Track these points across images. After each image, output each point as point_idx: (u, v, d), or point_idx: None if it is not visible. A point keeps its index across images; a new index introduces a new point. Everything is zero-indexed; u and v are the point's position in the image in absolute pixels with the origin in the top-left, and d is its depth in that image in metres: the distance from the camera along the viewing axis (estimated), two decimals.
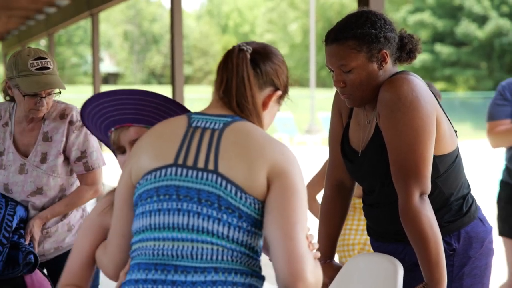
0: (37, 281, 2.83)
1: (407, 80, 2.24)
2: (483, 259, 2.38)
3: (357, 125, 2.45)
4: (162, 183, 1.73)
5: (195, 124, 1.79)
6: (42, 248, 3.03)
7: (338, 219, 2.63)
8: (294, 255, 1.64)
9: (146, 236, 1.73)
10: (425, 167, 2.22)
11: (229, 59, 1.82)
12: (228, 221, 1.68)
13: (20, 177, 2.97)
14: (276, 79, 1.87)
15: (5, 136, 3.00)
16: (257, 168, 1.71)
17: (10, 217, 2.84)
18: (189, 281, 1.66)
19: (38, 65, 2.85)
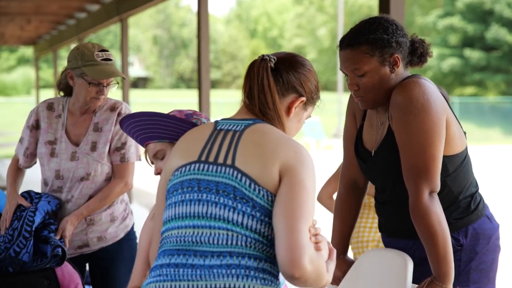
0: (67, 273, 2.98)
1: (418, 83, 2.34)
2: (489, 254, 2.47)
3: (370, 126, 2.56)
4: (186, 177, 1.92)
5: (220, 127, 1.97)
6: (85, 236, 3.22)
7: (352, 216, 2.74)
8: (294, 245, 1.75)
9: (171, 225, 1.91)
10: (434, 166, 2.32)
11: (252, 68, 2.00)
12: (242, 210, 1.83)
13: (72, 163, 3.18)
14: (300, 87, 2.02)
15: (57, 126, 3.22)
16: (270, 163, 1.85)
17: (31, 213, 3.01)
18: (206, 265, 1.80)
19: (103, 56, 3.09)
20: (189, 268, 1.82)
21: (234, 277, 1.78)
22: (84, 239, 3.22)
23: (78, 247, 3.23)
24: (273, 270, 1.85)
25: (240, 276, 1.78)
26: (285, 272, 1.77)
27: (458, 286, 2.43)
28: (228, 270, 1.79)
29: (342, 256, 2.74)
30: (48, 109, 3.25)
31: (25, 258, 2.90)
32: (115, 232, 3.27)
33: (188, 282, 1.80)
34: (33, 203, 3.09)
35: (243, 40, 47.75)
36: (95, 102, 3.16)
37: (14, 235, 2.96)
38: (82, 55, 3.08)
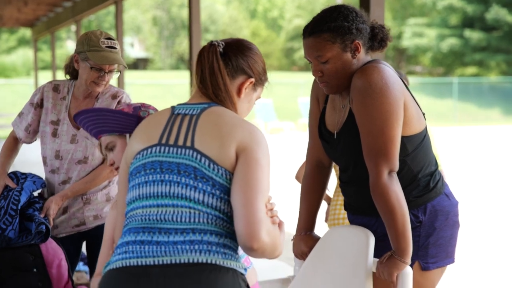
0: (51, 249, 3.11)
1: (377, 68, 2.46)
2: (448, 230, 2.60)
3: (332, 109, 2.68)
4: (149, 159, 2.04)
5: (177, 112, 2.10)
6: (82, 214, 3.37)
7: (318, 194, 2.87)
8: (252, 219, 1.88)
9: (136, 205, 2.02)
10: (393, 147, 2.44)
11: (202, 53, 2.13)
12: (203, 189, 1.95)
13: (71, 145, 3.32)
14: (248, 69, 2.16)
15: (61, 108, 3.36)
16: (227, 144, 1.98)
17: (17, 193, 3.16)
18: (171, 241, 1.92)
19: (108, 44, 3.23)
20: (154, 244, 1.92)
21: (197, 252, 1.89)
22: (80, 217, 3.37)
23: (75, 225, 3.38)
24: (233, 245, 1.96)
25: (202, 251, 1.90)
26: (244, 244, 1.89)
27: (418, 260, 2.57)
28: (191, 246, 1.90)
29: (309, 233, 2.87)
30: (54, 90, 3.39)
31: (11, 234, 3.04)
32: None
33: (154, 258, 1.90)
34: (19, 184, 3.23)
35: (243, 21, 47.66)
36: (95, 87, 3.28)
37: (0, 213, 3.10)
38: (89, 40, 3.22)
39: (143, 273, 1.89)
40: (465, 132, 23.75)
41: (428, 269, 2.57)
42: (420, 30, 36.38)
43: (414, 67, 41.52)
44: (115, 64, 3.25)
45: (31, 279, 3.03)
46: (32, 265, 3.05)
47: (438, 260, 2.59)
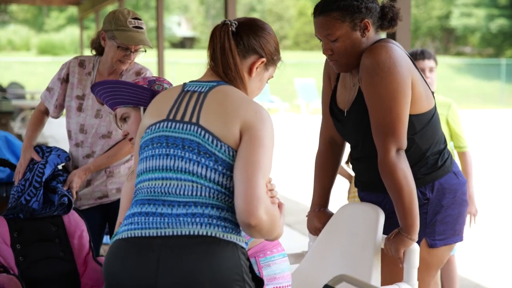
0: (74, 220, 3.22)
1: (385, 47, 2.48)
2: (456, 208, 2.62)
3: (343, 87, 2.71)
4: (156, 134, 2.11)
5: (187, 89, 2.15)
6: (105, 187, 3.46)
7: (331, 171, 2.90)
8: (251, 196, 1.91)
9: (143, 178, 2.10)
10: (401, 125, 2.46)
11: (214, 32, 2.17)
12: (205, 164, 2.01)
13: (96, 120, 3.41)
14: (260, 49, 2.19)
15: (86, 83, 3.44)
16: (231, 121, 2.02)
17: (42, 166, 3.25)
18: (174, 213, 1.99)
19: (135, 24, 3.28)
20: (158, 216, 2.00)
21: (198, 225, 1.96)
22: (104, 190, 3.46)
23: (98, 198, 3.48)
24: (233, 219, 2.01)
25: (203, 224, 1.96)
26: (242, 220, 1.92)
27: (425, 237, 2.59)
28: (193, 219, 1.96)
29: (322, 209, 2.92)
30: (80, 66, 3.46)
31: (35, 205, 3.15)
32: None
33: (157, 229, 1.98)
34: (44, 157, 3.33)
35: (290, 0, 47.45)
36: (120, 65, 3.36)
37: (25, 185, 3.21)
38: (116, 19, 3.28)
39: (146, 243, 1.97)
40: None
41: (435, 246, 2.59)
42: (469, 10, 35.73)
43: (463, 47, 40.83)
44: (141, 44, 3.31)
45: (54, 249, 3.13)
46: (55, 235, 3.15)
47: (445, 237, 2.61)
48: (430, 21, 39.44)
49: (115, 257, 2.02)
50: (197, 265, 1.92)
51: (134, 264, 1.97)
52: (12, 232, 3.08)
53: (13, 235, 3.07)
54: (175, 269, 1.92)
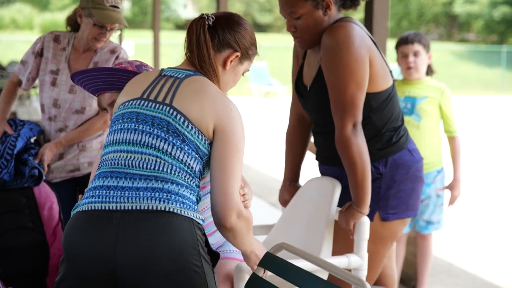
0: (44, 192, 3.29)
1: (344, 27, 2.54)
2: (409, 183, 2.69)
3: (308, 65, 2.78)
4: (127, 110, 2.18)
5: (164, 74, 2.23)
6: (77, 161, 3.53)
7: (301, 147, 2.99)
8: (225, 203, 2.06)
9: (109, 150, 2.18)
10: (357, 102, 2.54)
11: (191, 25, 2.25)
12: (172, 142, 2.09)
13: (69, 95, 3.46)
14: (234, 43, 2.26)
15: (61, 58, 3.49)
16: (206, 111, 2.11)
17: (14, 139, 3.33)
18: (134, 187, 2.06)
19: (112, 3, 3.34)
20: (119, 190, 2.07)
21: (157, 200, 2.03)
22: (75, 163, 3.53)
23: (70, 171, 3.54)
24: (191, 196, 2.09)
25: (162, 199, 2.03)
26: (218, 224, 2.08)
27: (378, 210, 2.66)
28: (152, 193, 2.04)
29: (293, 183, 3.02)
30: (54, 41, 3.51)
31: (6, 177, 3.22)
32: None
33: (116, 203, 2.04)
34: (17, 130, 3.41)
35: None
36: (95, 42, 3.42)
37: None
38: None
39: (106, 216, 2.03)
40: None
41: (388, 220, 2.67)
42: None
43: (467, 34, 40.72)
44: (117, 23, 3.37)
45: (24, 220, 3.20)
46: (25, 206, 3.22)
47: (398, 211, 2.68)
48: (435, 7, 39.33)
49: (75, 229, 2.09)
50: (154, 239, 1.98)
51: (93, 236, 2.03)
52: None
53: None
54: (133, 243, 1.99)
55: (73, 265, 2.06)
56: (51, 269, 3.18)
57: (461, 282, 4.68)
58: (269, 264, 2.09)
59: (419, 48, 3.98)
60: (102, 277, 2.01)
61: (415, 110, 3.97)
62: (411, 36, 4.00)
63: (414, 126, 3.94)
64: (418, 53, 3.98)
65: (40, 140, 3.56)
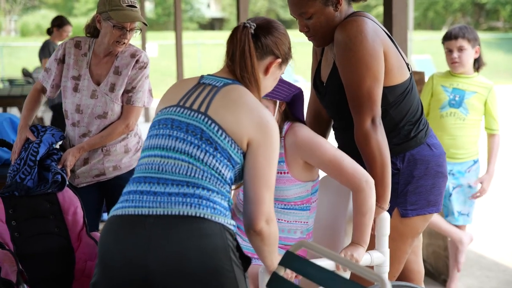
0: (68, 197, 3.31)
1: (356, 21, 2.53)
2: (429, 179, 2.66)
3: (326, 61, 2.77)
4: (164, 116, 2.24)
5: (203, 81, 2.26)
6: (102, 165, 3.56)
7: None
8: (257, 211, 2.12)
9: (144, 154, 2.23)
10: (376, 95, 2.52)
11: (234, 34, 2.27)
12: (205, 149, 2.13)
13: (91, 100, 3.49)
14: (276, 50, 2.31)
15: (82, 64, 3.53)
16: (242, 124, 2.14)
17: (36, 145, 3.36)
18: (166, 192, 2.10)
19: (129, 3, 3.39)
20: (151, 195, 2.11)
21: (188, 205, 2.06)
22: (101, 168, 3.56)
23: (95, 176, 3.58)
24: (223, 202, 2.12)
25: (193, 204, 2.06)
26: (247, 228, 2.14)
27: (397, 207, 2.64)
28: (184, 198, 2.07)
29: None
30: (76, 47, 3.55)
31: (30, 183, 3.25)
32: (129, 162, 3.60)
33: (149, 208, 2.08)
34: (39, 136, 3.44)
35: None
36: (117, 46, 3.44)
37: (21, 164, 3.31)
38: (110, 0, 3.37)
39: (139, 221, 2.07)
40: None
41: (407, 216, 2.64)
42: None
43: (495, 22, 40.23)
44: (136, 21, 3.40)
45: (49, 225, 3.23)
46: (49, 212, 3.25)
47: (418, 207, 2.65)
48: None
49: (109, 233, 2.13)
50: (185, 244, 2.01)
51: (126, 241, 2.07)
52: (7, 209, 3.19)
53: (8, 212, 3.18)
54: (165, 248, 2.02)
55: (106, 270, 2.10)
56: (77, 274, 3.20)
57: (492, 275, 4.63)
58: (290, 263, 2.08)
59: (464, 43, 4.00)
60: (135, 283, 2.05)
61: (464, 104, 4.02)
62: (455, 31, 4.04)
63: (460, 118, 4.02)
64: (462, 48, 4.01)
65: (65, 145, 3.59)
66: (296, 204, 2.55)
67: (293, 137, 2.54)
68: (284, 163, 2.54)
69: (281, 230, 2.55)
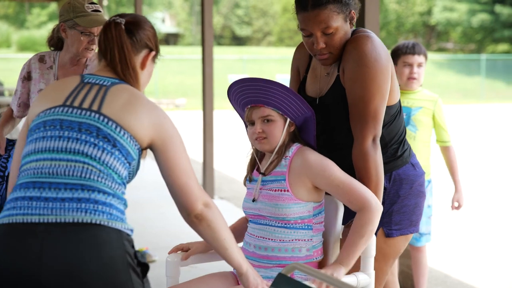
0: None
1: (370, 38, 2.52)
2: (412, 199, 2.66)
3: (314, 77, 2.73)
4: (49, 118, 2.09)
5: (87, 81, 2.16)
6: None
7: None
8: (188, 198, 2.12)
9: (30, 159, 2.06)
10: (381, 114, 2.51)
11: (108, 32, 2.20)
12: (103, 147, 2.02)
13: None
14: (149, 42, 2.25)
15: (49, 77, 3.45)
16: (143, 122, 2.08)
17: (4, 160, 3.26)
18: (59, 197, 1.95)
19: (93, 8, 3.35)
20: (42, 201, 1.95)
21: (83, 212, 1.93)
22: None
23: None
24: (119, 206, 2.02)
25: (88, 210, 1.94)
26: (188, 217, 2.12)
27: (382, 226, 2.62)
28: (79, 204, 1.94)
29: None
30: (40, 61, 3.47)
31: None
32: None
33: (39, 216, 1.93)
34: (6, 151, 3.33)
35: None
36: (86, 53, 3.38)
37: None
38: (74, 7, 3.30)
39: (29, 230, 1.93)
40: (492, 110, 23.49)
41: (392, 236, 2.63)
42: (451, 5, 35.96)
43: (445, 43, 41.07)
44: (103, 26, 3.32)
45: None
46: None
47: (402, 227, 2.64)
48: (413, 17, 39.65)
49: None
50: (81, 254, 1.90)
51: (16, 251, 1.92)
52: None
53: None
54: (59, 258, 1.89)
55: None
56: None
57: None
58: (282, 286, 2.02)
59: (423, 60, 3.96)
60: None
61: (411, 121, 3.95)
62: (417, 47, 3.97)
63: (411, 137, 3.93)
64: (421, 64, 3.97)
65: None
66: (297, 223, 2.50)
67: (301, 159, 2.49)
68: (285, 181, 2.50)
69: (285, 250, 2.50)
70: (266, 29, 46.31)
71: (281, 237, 2.50)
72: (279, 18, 45.72)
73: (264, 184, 2.54)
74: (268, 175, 2.54)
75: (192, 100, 23.98)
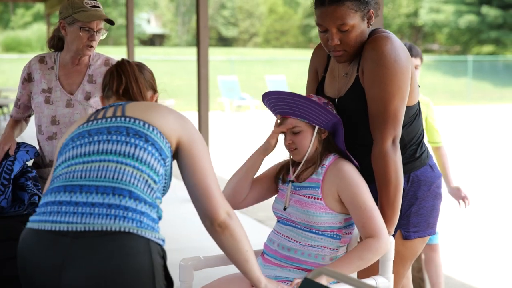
0: None
1: (389, 39, 2.49)
2: (430, 200, 2.63)
3: (332, 78, 2.70)
4: (75, 133, 2.10)
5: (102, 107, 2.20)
6: None
7: None
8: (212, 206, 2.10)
9: (62, 167, 2.05)
10: (400, 115, 2.48)
11: (123, 67, 2.27)
12: (135, 143, 2.01)
13: (68, 110, 3.37)
14: (153, 83, 2.38)
15: (50, 77, 3.41)
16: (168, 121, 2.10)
17: (10, 163, 3.19)
18: (89, 202, 1.91)
19: (92, 4, 3.33)
20: (72, 205, 1.92)
21: (112, 219, 1.88)
22: None
23: None
24: (151, 213, 1.96)
25: (118, 217, 1.89)
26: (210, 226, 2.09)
27: (400, 228, 2.59)
28: (108, 210, 1.89)
29: None
30: (40, 62, 3.43)
31: (3, 203, 3.07)
32: None
33: (68, 224, 1.89)
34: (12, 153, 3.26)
35: None
36: (87, 50, 3.34)
37: None
38: (73, 4, 3.29)
39: (55, 240, 1.90)
40: (480, 111, 23.60)
41: (409, 238, 2.60)
42: (437, 6, 36.12)
43: (431, 45, 41.23)
44: (103, 19, 3.31)
45: None
46: None
47: (419, 229, 2.61)
48: (399, 18, 39.77)
49: (24, 248, 1.96)
50: (106, 265, 1.85)
51: (39, 260, 1.91)
52: None
53: None
54: (82, 269, 1.86)
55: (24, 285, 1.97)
56: None
57: None
58: None
59: (419, 62, 3.97)
60: None
61: None
62: (414, 49, 3.95)
63: None
64: (417, 66, 3.96)
65: (38, 162, 3.42)
66: (326, 232, 2.47)
67: (336, 169, 2.49)
68: (319, 189, 2.48)
69: (308, 254, 2.47)
70: (252, 30, 46.29)
71: (308, 241, 2.47)
72: (265, 19, 45.74)
73: (297, 189, 2.54)
74: (303, 182, 2.53)
75: (180, 101, 23.90)
